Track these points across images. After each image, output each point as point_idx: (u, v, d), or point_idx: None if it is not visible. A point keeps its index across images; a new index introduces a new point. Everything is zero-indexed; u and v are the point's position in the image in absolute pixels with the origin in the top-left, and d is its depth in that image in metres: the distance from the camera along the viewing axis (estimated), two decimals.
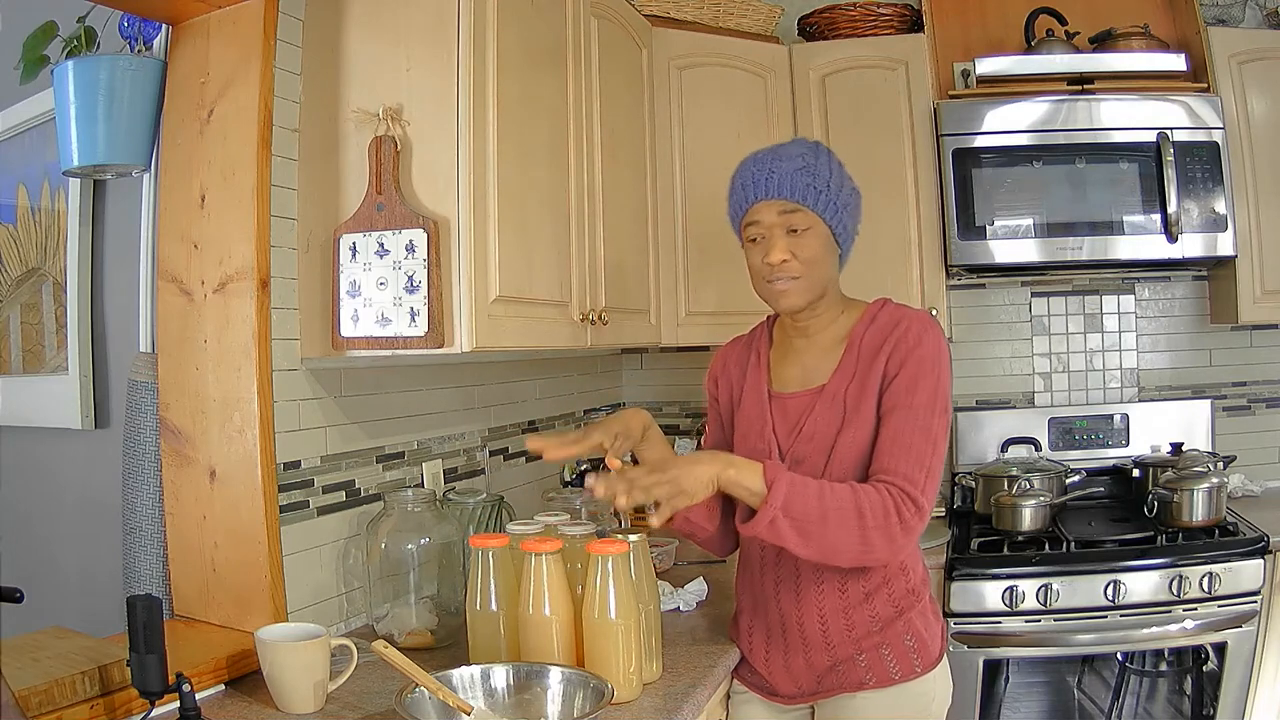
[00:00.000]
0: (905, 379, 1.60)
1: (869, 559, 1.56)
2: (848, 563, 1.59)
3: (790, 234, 1.64)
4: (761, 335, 1.84)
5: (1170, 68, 2.78)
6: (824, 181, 1.64)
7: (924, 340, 1.62)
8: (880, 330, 1.66)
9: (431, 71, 1.74)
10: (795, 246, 1.64)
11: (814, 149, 1.68)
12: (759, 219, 1.65)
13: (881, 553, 1.54)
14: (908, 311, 1.68)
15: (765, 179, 1.64)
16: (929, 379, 1.60)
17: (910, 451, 1.56)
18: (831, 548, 1.53)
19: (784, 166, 1.63)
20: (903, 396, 1.59)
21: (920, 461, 1.56)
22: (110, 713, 1.40)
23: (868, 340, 1.66)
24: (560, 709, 1.44)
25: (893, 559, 1.61)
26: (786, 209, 1.63)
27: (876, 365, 1.63)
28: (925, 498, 1.55)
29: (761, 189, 1.64)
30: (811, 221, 1.64)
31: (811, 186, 1.63)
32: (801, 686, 1.72)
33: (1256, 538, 2.46)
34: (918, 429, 1.57)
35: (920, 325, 1.64)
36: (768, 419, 1.72)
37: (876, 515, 1.51)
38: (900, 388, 1.60)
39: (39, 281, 2.35)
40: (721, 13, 2.85)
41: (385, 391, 2.10)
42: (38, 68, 1.93)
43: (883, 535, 1.52)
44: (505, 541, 1.62)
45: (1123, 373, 3.16)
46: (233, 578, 1.73)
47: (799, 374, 1.73)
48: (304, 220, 1.84)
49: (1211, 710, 2.45)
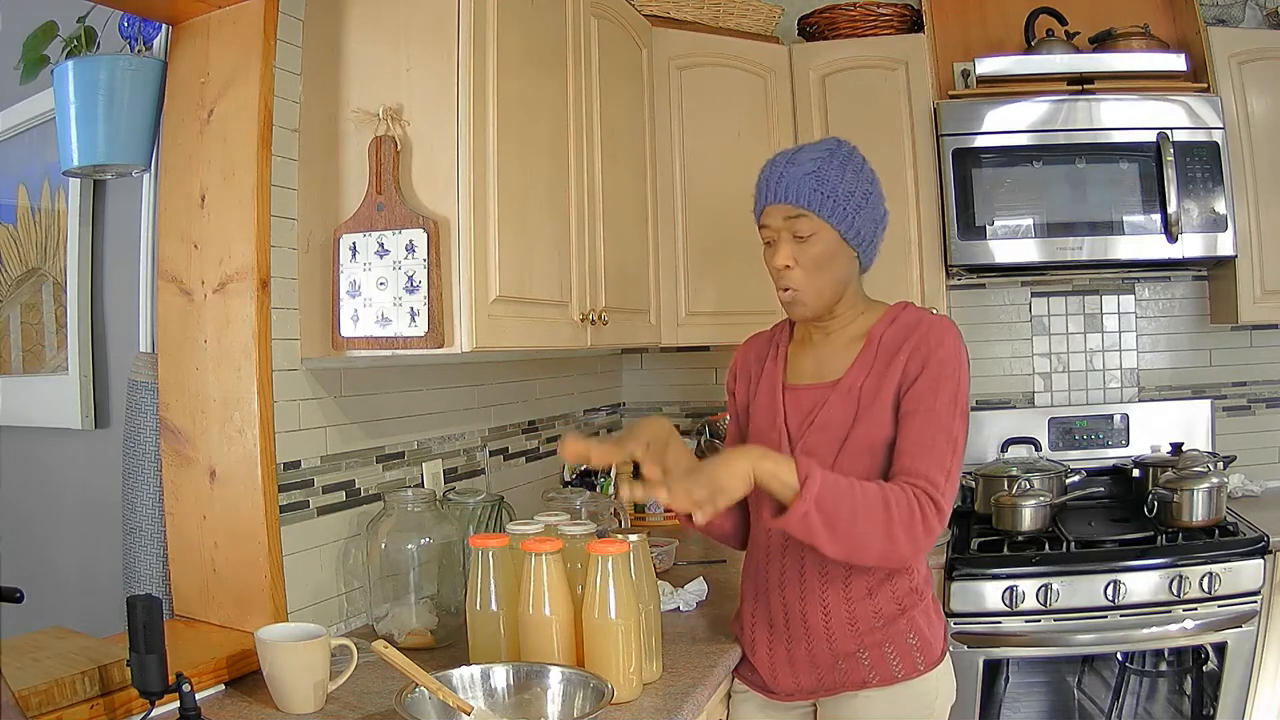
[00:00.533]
0: (927, 381, 1.60)
1: (892, 557, 1.56)
2: (873, 561, 1.59)
3: (795, 239, 1.64)
4: (783, 330, 1.85)
5: (1170, 68, 2.78)
6: (831, 187, 1.62)
7: (945, 342, 1.62)
8: (901, 330, 1.66)
9: (431, 72, 1.74)
10: (798, 252, 1.64)
11: (832, 152, 1.65)
12: (769, 223, 1.67)
13: (905, 550, 1.54)
14: (928, 315, 1.69)
15: (775, 182, 1.64)
16: (951, 382, 1.60)
17: (933, 454, 1.57)
18: (860, 544, 1.52)
19: (794, 171, 1.63)
20: (925, 399, 1.60)
21: (941, 464, 1.57)
22: (110, 713, 1.40)
23: (888, 338, 1.67)
24: (560, 709, 1.44)
25: (915, 558, 1.61)
26: (791, 214, 1.63)
27: (896, 364, 1.63)
28: (945, 500, 1.56)
29: (771, 192, 1.65)
30: (816, 228, 1.63)
31: (817, 192, 1.61)
32: (802, 683, 1.72)
33: (1256, 538, 2.46)
34: (940, 432, 1.58)
35: (942, 328, 1.65)
36: (780, 410, 1.72)
37: (903, 514, 1.52)
38: (922, 390, 1.60)
39: (39, 281, 2.35)
40: (721, 13, 2.85)
41: (385, 391, 2.10)
42: (38, 68, 1.93)
43: (907, 534, 1.52)
44: (505, 541, 1.62)
45: (1123, 373, 3.16)
46: (233, 578, 1.73)
47: (814, 367, 1.74)
48: (304, 220, 1.84)
49: (1211, 710, 2.45)
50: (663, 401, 3.38)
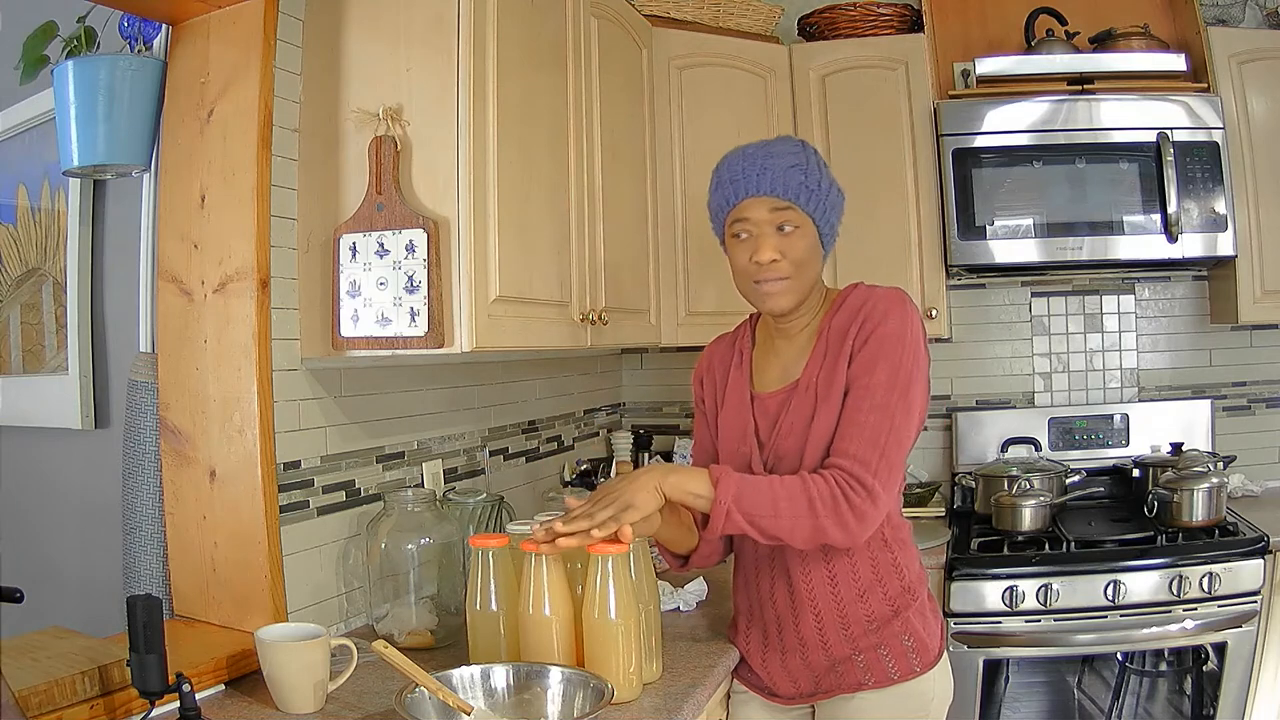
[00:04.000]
0: (865, 358, 1.58)
1: (832, 543, 1.56)
2: (811, 548, 1.60)
3: (779, 232, 1.62)
4: (744, 335, 1.82)
5: (1170, 68, 2.78)
6: (815, 181, 1.62)
7: (889, 318, 1.59)
8: (848, 313, 1.64)
9: (431, 72, 1.74)
10: (784, 246, 1.62)
11: (802, 147, 1.66)
12: (748, 215, 1.63)
13: (836, 537, 1.53)
14: (877, 291, 1.65)
15: (758, 175, 1.61)
16: (890, 357, 1.56)
17: (862, 431, 1.54)
18: (790, 536, 1.53)
19: (777, 163, 1.61)
20: (860, 376, 1.57)
21: (873, 441, 1.53)
22: (110, 713, 1.40)
23: (835, 325, 1.64)
24: (560, 709, 1.44)
25: (852, 542, 1.57)
26: (778, 206, 1.61)
27: (844, 349, 1.60)
28: (878, 480, 1.52)
29: (753, 185, 1.62)
30: (801, 220, 1.62)
31: (804, 185, 1.61)
32: (800, 687, 1.72)
33: (1256, 538, 2.46)
34: (873, 408, 1.55)
35: (886, 303, 1.61)
36: (750, 421, 1.71)
37: (825, 503, 1.51)
38: (859, 368, 1.58)
39: (39, 281, 2.35)
40: (721, 13, 2.85)
41: (385, 391, 2.10)
42: (38, 68, 1.93)
43: (835, 522, 1.51)
44: (505, 541, 1.62)
45: (1123, 373, 3.16)
46: (233, 578, 1.73)
47: (779, 372, 1.72)
48: (304, 220, 1.84)
49: (1211, 710, 2.45)
50: (663, 401, 3.38)
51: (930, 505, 2.92)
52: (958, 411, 3.13)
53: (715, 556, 1.78)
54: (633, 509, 1.48)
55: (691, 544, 1.72)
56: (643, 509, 1.49)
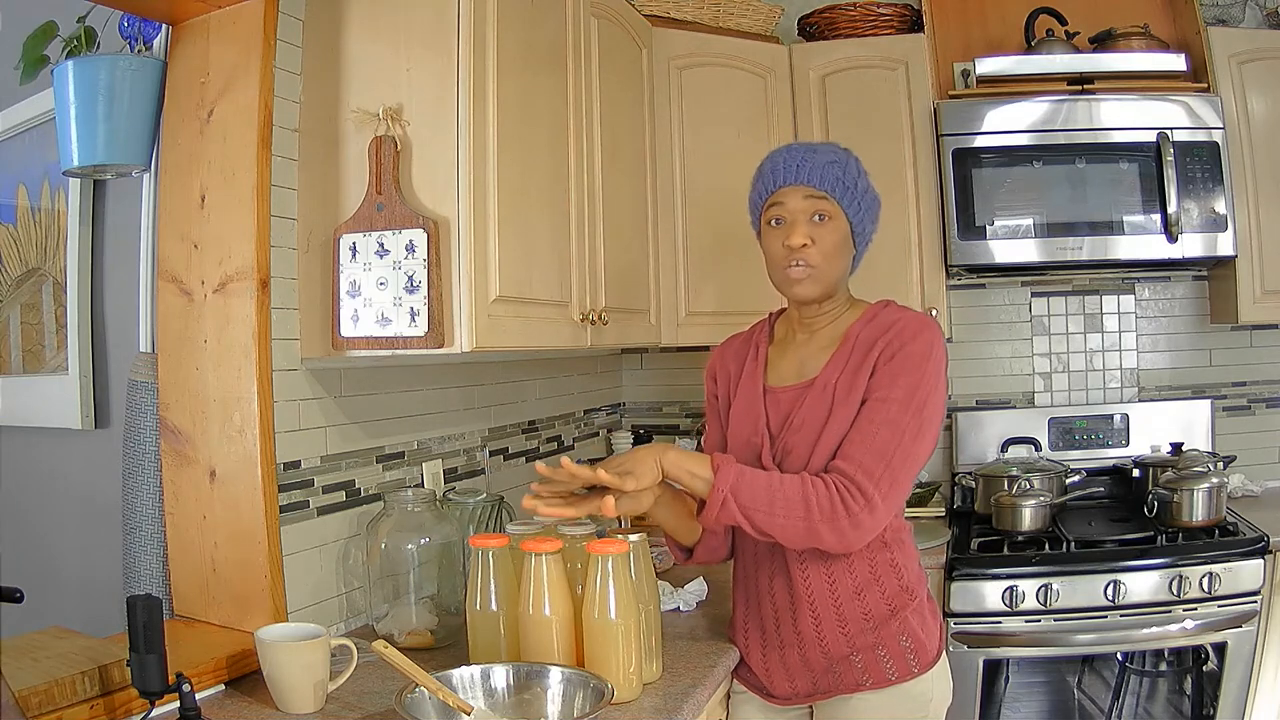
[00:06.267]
0: (887, 373, 1.61)
1: (824, 547, 1.57)
2: (803, 549, 1.62)
3: (813, 221, 1.66)
4: (762, 331, 1.85)
5: (1170, 68, 2.78)
6: (852, 179, 1.68)
7: (918, 339, 1.62)
8: (878, 328, 1.67)
9: (431, 72, 1.74)
10: (816, 234, 1.66)
11: (847, 152, 1.73)
12: (784, 201, 1.68)
13: (830, 542, 1.55)
14: (908, 313, 1.70)
15: (797, 165, 1.67)
16: (911, 375, 1.60)
17: (872, 442, 1.56)
18: (783, 534, 1.55)
19: (817, 159, 1.68)
20: (879, 389, 1.60)
21: (881, 454, 1.55)
22: (110, 713, 1.40)
23: (864, 336, 1.67)
24: (560, 709, 1.44)
25: (846, 549, 1.59)
26: (814, 195, 1.66)
27: (869, 360, 1.63)
28: (879, 491, 1.54)
29: (792, 174, 1.67)
30: (835, 212, 1.67)
31: (840, 180, 1.67)
32: (798, 687, 1.72)
33: (1256, 538, 2.46)
34: (886, 421, 1.57)
35: (917, 325, 1.65)
36: (761, 413, 1.73)
37: (823, 509, 1.52)
38: (880, 381, 1.61)
39: (39, 281, 2.35)
40: (721, 13, 2.85)
41: (385, 391, 2.10)
42: (38, 68, 1.93)
43: (829, 527, 1.53)
44: (505, 541, 1.62)
45: (1123, 373, 3.16)
46: (233, 577, 1.73)
47: (795, 368, 1.74)
48: (304, 220, 1.84)
49: (1211, 710, 2.45)
50: (663, 401, 3.38)
51: (930, 505, 2.92)
52: (958, 411, 3.13)
53: (720, 551, 1.80)
54: (630, 477, 1.51)
55: (696, 534, 1.75)
56: (640, 479, 1.51)
